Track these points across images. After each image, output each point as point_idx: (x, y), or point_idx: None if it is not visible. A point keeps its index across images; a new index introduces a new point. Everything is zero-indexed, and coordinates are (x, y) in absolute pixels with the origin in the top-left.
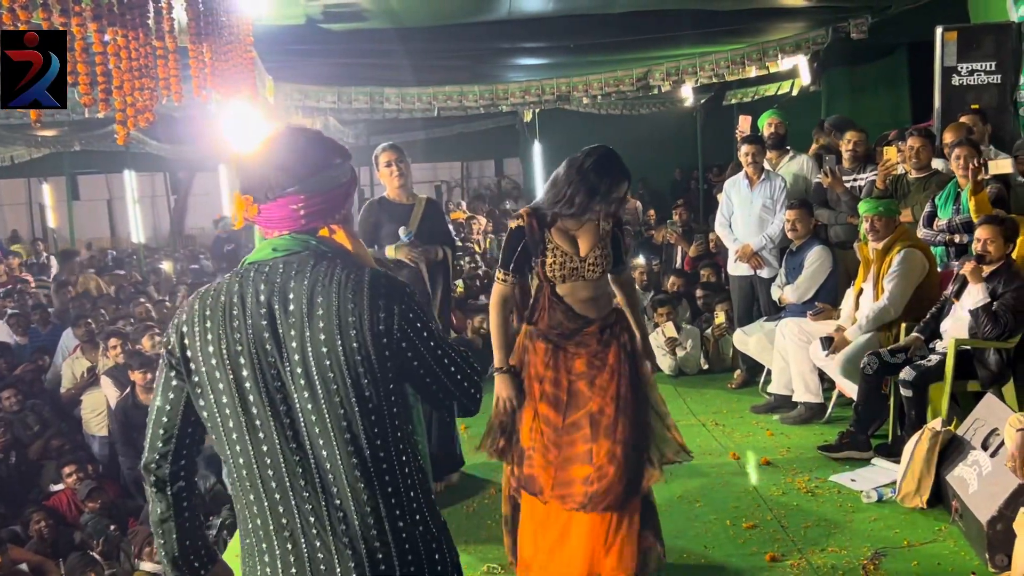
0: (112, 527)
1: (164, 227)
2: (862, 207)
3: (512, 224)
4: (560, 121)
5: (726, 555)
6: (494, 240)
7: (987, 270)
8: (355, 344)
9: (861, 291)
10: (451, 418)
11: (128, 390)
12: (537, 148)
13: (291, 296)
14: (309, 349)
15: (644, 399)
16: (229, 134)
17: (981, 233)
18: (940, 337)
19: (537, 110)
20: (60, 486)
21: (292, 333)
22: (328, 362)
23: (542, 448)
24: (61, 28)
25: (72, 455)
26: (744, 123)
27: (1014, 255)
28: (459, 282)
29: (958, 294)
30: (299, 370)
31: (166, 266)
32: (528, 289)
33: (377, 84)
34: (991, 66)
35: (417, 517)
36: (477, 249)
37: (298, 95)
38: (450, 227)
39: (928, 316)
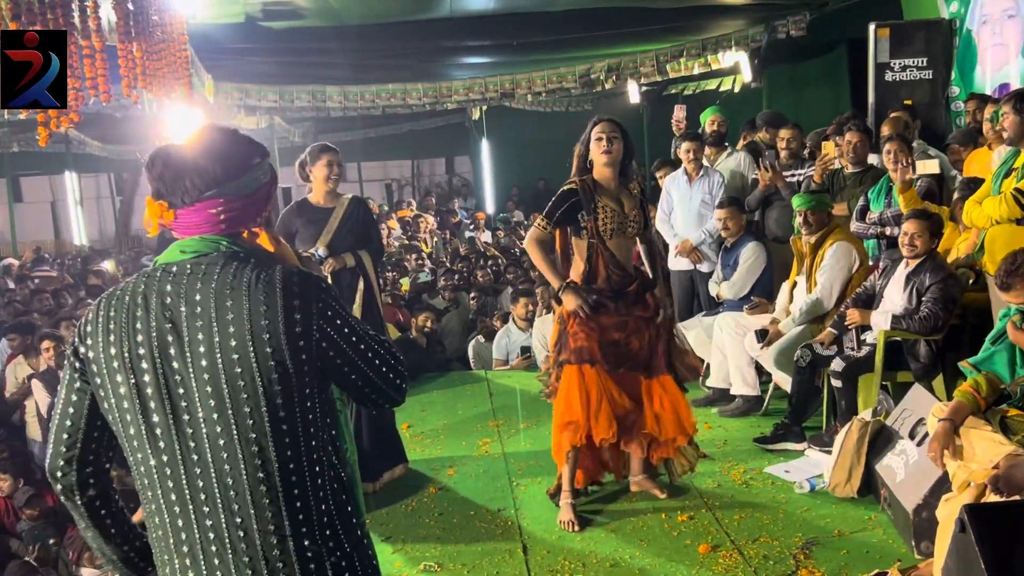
0: (51, 537)
1: (110, 228)
2: (795, 202)
3: (565, 187)
4: (507, 119)
5: (660, 548)
6: (440, 239)
7: (913, 263)
8: (268, 349)
9: (795, 284)
10: (390, 413)
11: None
12: (485, 145)
13: (198, 298)
14: (218, 355)
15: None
16: (173, 133)
17: (908, 227)
18: (870, 328)
19: (484, 108)
20: None
21: (200, 337)
22: (239, 369)
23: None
24: None
25: (9, 461)
26: (679, 112)
27: (940, 248)
28: (405, 280)
29: (884, 288)
30: (205, 376)
31: (109, 265)
32: (568, 255)
33: (319, 82)
34: (923, 62)
35: (328, 532)
36: (425, 248)
37: (239, 94)
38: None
39: (844, 310)
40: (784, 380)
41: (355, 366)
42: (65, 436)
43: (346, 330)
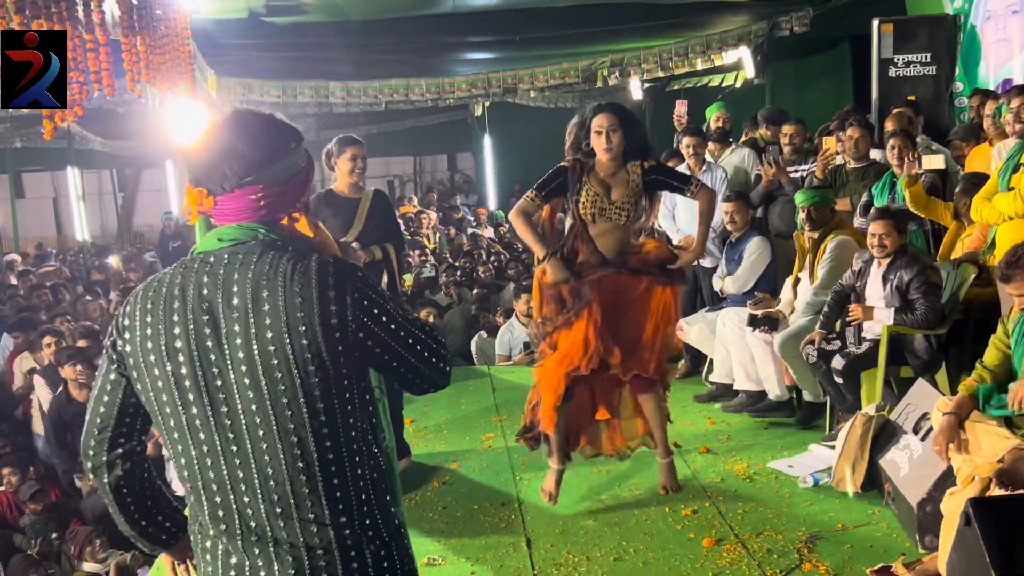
0: (53, 531)
1: (112, 224)
2: (798, 198)
3: (560, 164)
4: (510, 115)
5: (664, 541)
6: (443, 236)
7: (885, 262)
8: (305, 341)
9: (798, 280)
10: (399, 407)
11: (60, 388)
12: (487, 142)
13: (235, 289)
14: (255, 346)
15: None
16: (175, 129)
17: (875, 228)
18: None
19: (487, 104)
20: (2, 488)
21: (236, 329)
22: (275, 361)
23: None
24: None
25: (13, 456)
26: (681, 107)
27: (945, 242)
28: (408, 276)
29: (863, 290)
30: (243, 368)
31: (113, 260)
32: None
33: (322, 78)
34: (927, 58)
35: (367, 521)
36: (427, 244)
37: (241, 89)
38: (398, 220)
39: (827, 309)
40: (768, 378)
41: (396, 353)
42: (98, 420)
43: (384, 318)
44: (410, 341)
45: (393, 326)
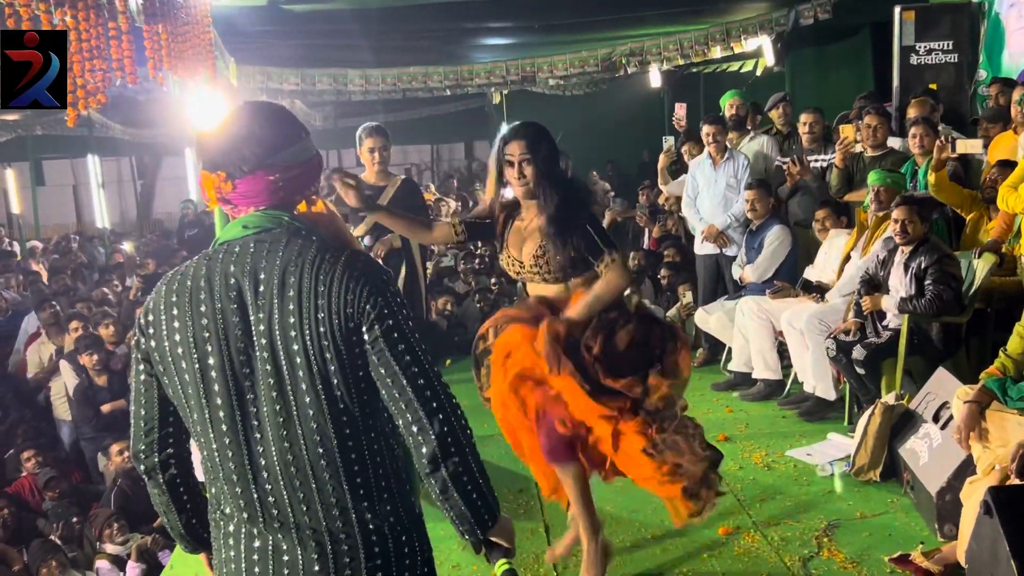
0: (75, 515)
1: (131, 212)
2: (871, 177)
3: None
4: (528, 103)
5: (681, 530)
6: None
7: (907, 250)
8: (322, 329)
9: (848, 258)
10: None
11: (84, 374)
12: (505, 130)
13: (262, 276)
14: (277, 333)
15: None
16: (195, 117)
17: (898, 214)
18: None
19: (505, 92)
20: (24, 473)
21: (261, 315)
22: (296, 347)
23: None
24: (8, 8)
25: (33, 442)
26: (679, 110)
27: (968, 230)
28: (429, 265)
29: (887, 279)
30: (266, 354)
31: (128, 246)
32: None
33: (340, 66)
34: (949, 45)
35: (388, 508)
36: None
37: (261, 77)
38: (426, 209)
39: (857, 297)
40: (802, 370)
41: (392, 371)
42: (142, 423)
43: (391, 322)
44: (408, 359)
45: (396, 334)
